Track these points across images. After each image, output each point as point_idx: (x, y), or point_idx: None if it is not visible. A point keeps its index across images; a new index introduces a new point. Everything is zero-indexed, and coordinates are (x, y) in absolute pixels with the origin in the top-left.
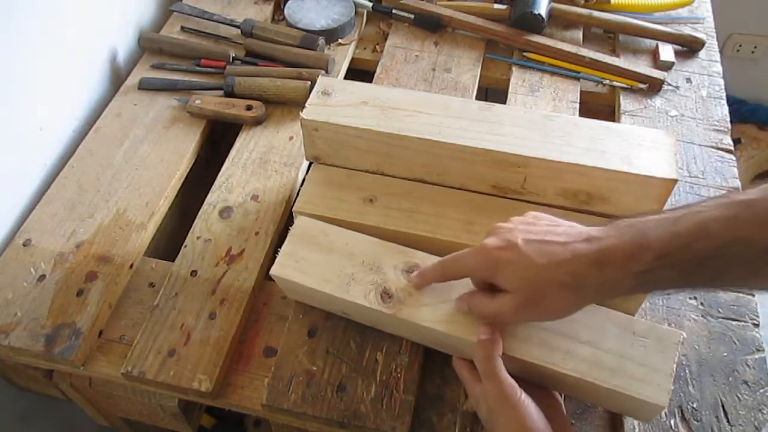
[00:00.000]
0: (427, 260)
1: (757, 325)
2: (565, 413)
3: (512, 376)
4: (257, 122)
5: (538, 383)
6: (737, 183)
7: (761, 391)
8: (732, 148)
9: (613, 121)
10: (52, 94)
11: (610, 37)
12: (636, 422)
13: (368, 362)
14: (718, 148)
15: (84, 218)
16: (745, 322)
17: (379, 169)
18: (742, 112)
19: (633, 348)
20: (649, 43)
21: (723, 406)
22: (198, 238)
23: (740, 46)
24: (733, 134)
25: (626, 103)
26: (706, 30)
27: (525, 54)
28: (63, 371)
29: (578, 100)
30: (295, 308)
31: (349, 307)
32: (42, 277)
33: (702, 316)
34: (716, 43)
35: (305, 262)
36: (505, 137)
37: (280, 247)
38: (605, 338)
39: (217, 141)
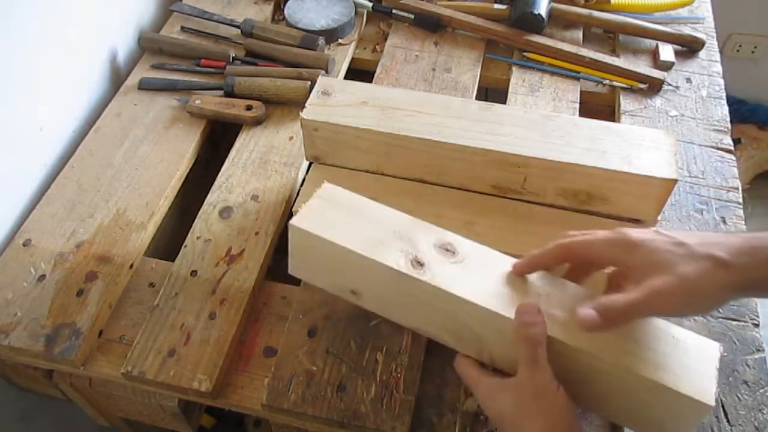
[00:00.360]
0: (462, 241)
1: (757, 325)
2: None
3: None
4: (257, 122)
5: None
6: (737, 183)
7: (761, 391)
8: (732, 148)
9: (613, 121)
10: (52, 94)
11: (610, 37)
12: None
13: (368, 362)
14: (718, 148)
15: (84, 218)
16: (745, 322)
17: (379, 169)
18: (742, 112)
19: (675, 349)
20: (649, 43)
21: (723, 406)
22: (198, 238)
23: (740, 46)
24: (733, 134)
25: (626, 103)
26: (706, 30)
27: (525, 54)
28: (63, 371)
29: (578, 100)
30: (294, 308)
31: (371, 275)
32: (42, 277)
33: (702, 315)
34: (716, 43)
35: (329, 220)
36: (505, 137)
37: (280, 248)
38: (647, 336)
39: (217, 141)
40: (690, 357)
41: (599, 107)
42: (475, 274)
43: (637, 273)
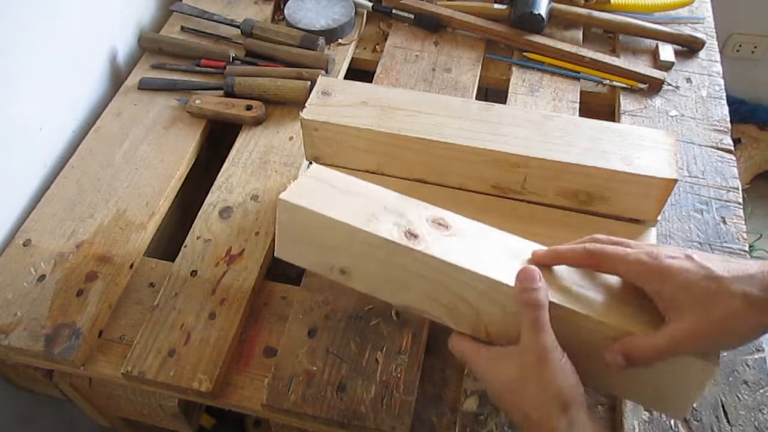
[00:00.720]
0: (456, 218)
1: None
2: None
3: None
4: (257, 122)
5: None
6: (737, 183)
7: (761, 391)
8: (732, 148)
9: (613, 121)
10: (52, 94)
11: (610, 37)
12: (636, 422)
13: (368, 362)
14: (718, 148)
15: (84, 218)
16: None
17: (379, 169)
18: (742, 112)
19: None
20: (649, 43)
21: (723, 406)
22: (198, 238)
23: (740, 46)
24: (733, 134)
25: (626, 103)
26: (706, 30)
27: (525, 54)
28: (63, 371)
29: (578, 100)
30: (294, 308)
31: (362, 249)
32: (42, 277)
33: None
34: (716, 43)
35: (319, 195)
36: (505, 137)
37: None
38: (648, 300)
39: (217, 141)
40: None
41: (599, 107)
42: (471, 246)
43: (665, 305)
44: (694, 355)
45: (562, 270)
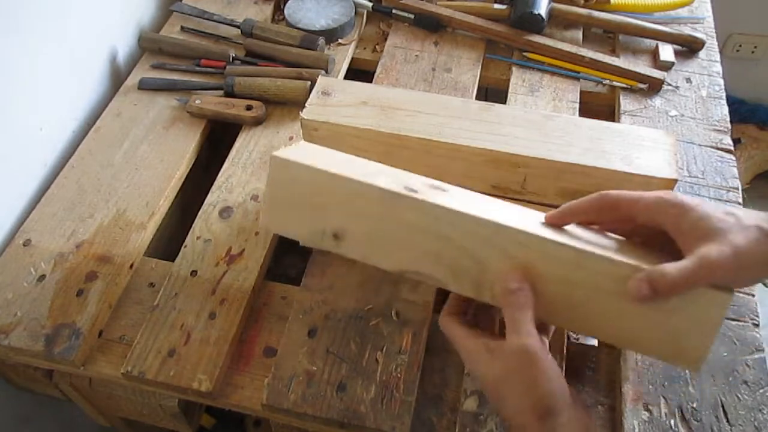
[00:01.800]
0: (452, 186)
1: (757, 325)
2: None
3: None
4: (257, 122)
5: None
6: (737, 183)
7: (761, 391)
8: (732, 148)
9: (613, 121)
10: (52, 94)
11: (610, 37)
12: (636, 422)
13: (368, 362)
14: (718, 148)
15: (84, 218)
16: (745, 322)
17: None
18: (742, 112)
19: None
20: (649, 43)
21: (723, 406)
22: (198, 238)
23: (740, 46)
24: (733, 134)
25: (626, 103)
26: (706, 30)
27: (525, 54)
28: (63, 371)
29: (578, 100)
30: (294, 308)
31: (360, 205)
32: (42, 277)
33: None
34: (716, 43)
35: (314, 155)
36: (505, 137)
37: (280, 248)
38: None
39: (217, 141)
40: None
41: (599, 107)
42: (470, 203)
43: (685, 238)
44: (710, 286)
45: (574, 227)
